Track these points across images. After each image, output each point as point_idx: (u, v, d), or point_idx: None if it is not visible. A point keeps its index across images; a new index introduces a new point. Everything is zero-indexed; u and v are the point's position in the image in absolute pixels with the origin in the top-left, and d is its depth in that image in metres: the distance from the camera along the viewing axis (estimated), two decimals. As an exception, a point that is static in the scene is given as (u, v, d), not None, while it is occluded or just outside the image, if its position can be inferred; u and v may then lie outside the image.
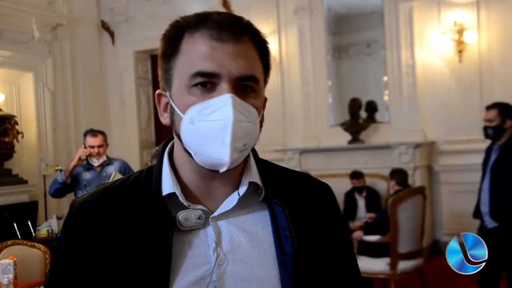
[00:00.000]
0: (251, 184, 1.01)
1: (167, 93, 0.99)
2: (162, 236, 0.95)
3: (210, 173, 0.96)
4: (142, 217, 0.97)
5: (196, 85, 0.93)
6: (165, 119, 1.01)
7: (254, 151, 1.07)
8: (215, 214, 0.99)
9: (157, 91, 1.03)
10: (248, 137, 0.94)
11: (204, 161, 0.94)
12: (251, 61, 0.95)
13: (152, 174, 1.02)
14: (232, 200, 1.00)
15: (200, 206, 0.99)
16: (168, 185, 0.99)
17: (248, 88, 0.95)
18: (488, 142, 4.27)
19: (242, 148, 0.93)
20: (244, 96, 0.94)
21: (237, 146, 0.92)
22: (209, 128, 0.91)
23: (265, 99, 1.03)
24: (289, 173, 1.12)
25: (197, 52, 0.93)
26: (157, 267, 0.93)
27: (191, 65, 0.94)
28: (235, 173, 1.00)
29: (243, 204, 1.01)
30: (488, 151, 4.22)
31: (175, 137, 1.01)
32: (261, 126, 1.00)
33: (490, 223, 4.06)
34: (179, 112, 0.95)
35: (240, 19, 0.97)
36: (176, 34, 0.96)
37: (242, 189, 1.00)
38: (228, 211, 0.99)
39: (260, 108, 0.98)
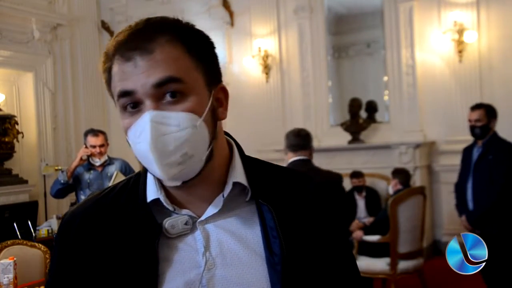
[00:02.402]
0: (237, 185, 0.99)
1: None
2: (147, 243, 0.94)
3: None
4: (129, 225, 0.97)
5: (125, 107, 0.93)
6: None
7: (240, 149, 1.05)
8: (202, 218, 0.98)
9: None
10: (189, 144, 0.90)
11: (157, 177, 0.95)
12: (171, 63, 0.91)
13: (139, 181, 1.02)
14: (217, 202, 0.98)
15: (186, 211, 0.98)
16: (152, 191, 0.99)
17: (177, 94, 0.91)
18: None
19: (181, 159, 0.90)
20: (172, 104, 0.91)
21: (171, 160, 0.90)
22: (141, 149, 0.91)
23: (223, 88, 1.00)
24: (278, 170, 1.09)
25: (116, 75, 0.93)
26: (144, 273, 0.93)
27: (114, 89, 0.94)
28: (213, 178, 0.98)
29: (230, 206, 0.99)
30: (468, 151, 4.36)
31: None
32: (217, 119, 0.97)
33: None
34: (126, 135, 0.96)
35: (152, 24, 0.93)
36: (105, 61, 0.96)
37: (226, 191, 0.98)
38: (215, 214, 0.98)
39: (199, 108, 0.93)
